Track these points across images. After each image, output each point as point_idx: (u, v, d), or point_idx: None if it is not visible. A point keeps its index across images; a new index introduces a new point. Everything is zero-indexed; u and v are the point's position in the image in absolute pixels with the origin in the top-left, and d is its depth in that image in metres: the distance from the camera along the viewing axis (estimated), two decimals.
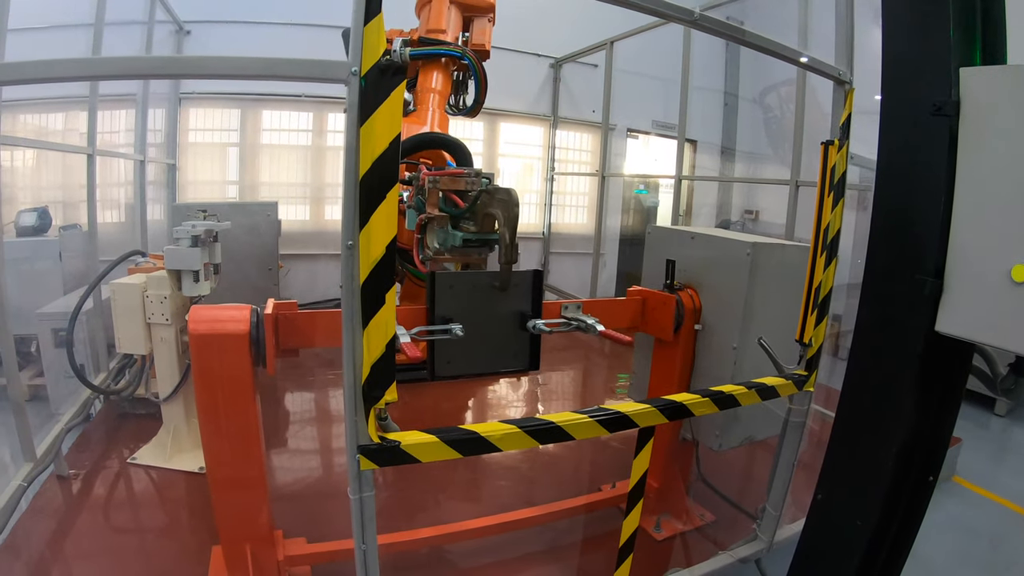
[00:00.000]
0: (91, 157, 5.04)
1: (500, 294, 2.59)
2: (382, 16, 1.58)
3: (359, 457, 1.83)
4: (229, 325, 2.43)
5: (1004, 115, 1.69)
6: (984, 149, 1.72)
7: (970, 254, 1.74)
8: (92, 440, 4.52)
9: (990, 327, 1.71)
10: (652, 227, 3.86)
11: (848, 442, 2.18)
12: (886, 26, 1.96)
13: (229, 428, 2.56)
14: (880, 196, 1.98)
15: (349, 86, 1.59)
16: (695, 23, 2.19)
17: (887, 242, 1.97)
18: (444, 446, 1.95)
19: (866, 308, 2.06)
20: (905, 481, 2.06)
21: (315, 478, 4.30)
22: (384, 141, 1.59)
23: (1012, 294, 1.64)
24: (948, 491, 4.85)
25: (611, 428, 2.23)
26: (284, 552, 2.96)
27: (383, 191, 1.63)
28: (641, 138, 10.42)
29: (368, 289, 1.70)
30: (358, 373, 1.77)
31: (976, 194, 1.73)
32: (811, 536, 2.32)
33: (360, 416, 1.81)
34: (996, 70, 1.75)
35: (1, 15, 3.35)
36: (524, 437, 2.07)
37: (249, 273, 5.66)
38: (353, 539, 1.96)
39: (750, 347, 3.01)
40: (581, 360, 7.27)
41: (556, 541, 3.52)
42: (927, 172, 1.82)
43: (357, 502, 1.89)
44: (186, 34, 7.48)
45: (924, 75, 1.84)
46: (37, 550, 3.27)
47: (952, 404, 2.10)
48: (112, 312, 4.05)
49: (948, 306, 1.78)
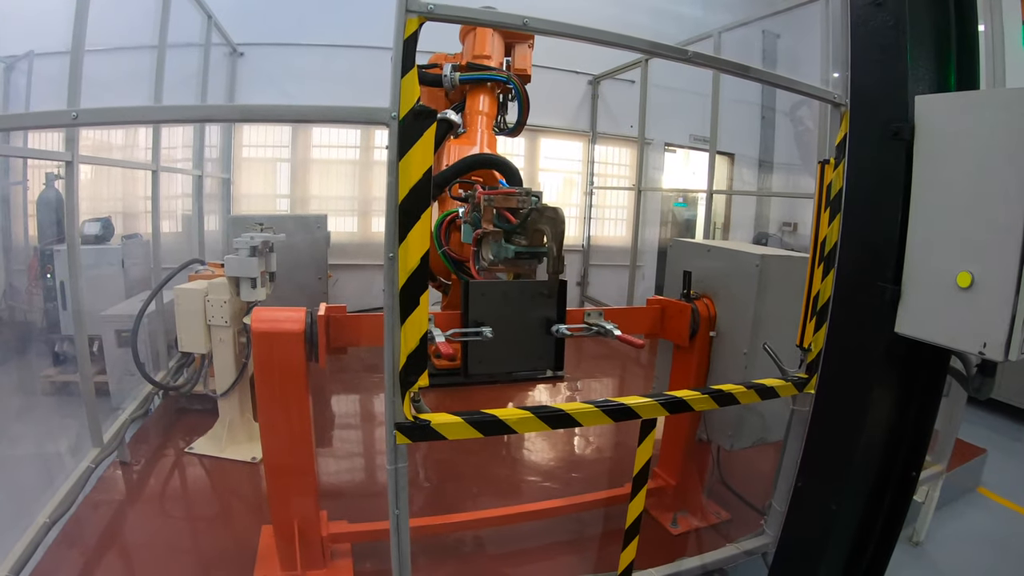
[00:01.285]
0: (155, 173, 5.56)
1: (528, 301, 2.95)
2: (415, 70, 1.99)
3: (396, 433, 2.22)
4: (286, 324, 2.83)
5: (952, 138, 2.00)
6: (935, 169, 2.03)
7: (923, 263, 2.05)
8: (152, 432, 5.02)
9: (940, 328, 2.02)
10: (673, 240, 4.19)
11: (822, 434, 2.48)
12: (852, 57, 2.29)
13: (284, 415, 2.96)
14: (847, 211, 2.30)
15: (390, 128, 1.99)
16: (689, 60, 2.52)
17: (853, 252, 2.29)
18: (467, 426, 2.33)
19: (837, 311, 2.37)
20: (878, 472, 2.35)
21: (356, 469, 4.74)
22: (418, 173, 2.00)
23: (958, 298, 1.94)
24: (972, 502, 4.98)
25: (615, 418, 2.57)
26: (327, 530, 3.33)
27: (418, 213, 2.04)
28: (679, 152, 10.69)
29: (406, 292, 2.10)
30: (396, 362, 2.16)
31: (928, 209, 2.04)
32: (792, 517, 2.62)
33: (397, 397, 2.20)
34: (947, 97, 2.06)
35: (76, 67, 3.80)
36: (537, 422, 2.44)
37: (301, 282, 6.13)
38: (387, 521, 2.34)
39: (760, 352, 3.29)
40: (618, 369, 7.56)
41: (579, 532, 3.83)
42: (887, 190, 2.14)
43: (393, 472, 2.27)
44: (239, 56, 8.09)
45: (884, 102, 2.16)
46: (102, 524, 3.73)
47: (930, 403, 2.38)
48: (175, 314, 4.48)
49: (905, 310, 2.09)
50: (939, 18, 2.20)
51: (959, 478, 4.92)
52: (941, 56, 2.20)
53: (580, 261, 10.32)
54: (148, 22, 5.60)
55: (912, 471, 2.42)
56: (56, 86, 6.12)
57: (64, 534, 3.49)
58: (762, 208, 11.42)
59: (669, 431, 3.94)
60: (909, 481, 2.45)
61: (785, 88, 2.96)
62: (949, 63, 2.22)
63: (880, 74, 2.19)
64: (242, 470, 4.43)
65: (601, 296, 9.92)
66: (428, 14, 2.02)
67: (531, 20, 2.23)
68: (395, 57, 1.99)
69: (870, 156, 2.23)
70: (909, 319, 2.08)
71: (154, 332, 5.70)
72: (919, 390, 2.35)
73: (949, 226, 1.99)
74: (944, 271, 1.98)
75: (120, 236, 6.89)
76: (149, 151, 5.93)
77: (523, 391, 6.28)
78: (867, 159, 2.25)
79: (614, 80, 9.70)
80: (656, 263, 10.49)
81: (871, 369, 2.22)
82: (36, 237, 7.42)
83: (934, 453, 4.49)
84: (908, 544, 4.39)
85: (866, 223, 2.25)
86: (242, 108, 4.20)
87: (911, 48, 2.10)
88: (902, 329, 2.10)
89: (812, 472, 2.55)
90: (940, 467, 4.44)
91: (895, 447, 2.35)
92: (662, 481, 3.96)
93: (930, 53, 2.17)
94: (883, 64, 2.17)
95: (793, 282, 3.34)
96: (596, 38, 2.42)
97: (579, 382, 6.71)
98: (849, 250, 2.33)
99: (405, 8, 1.98)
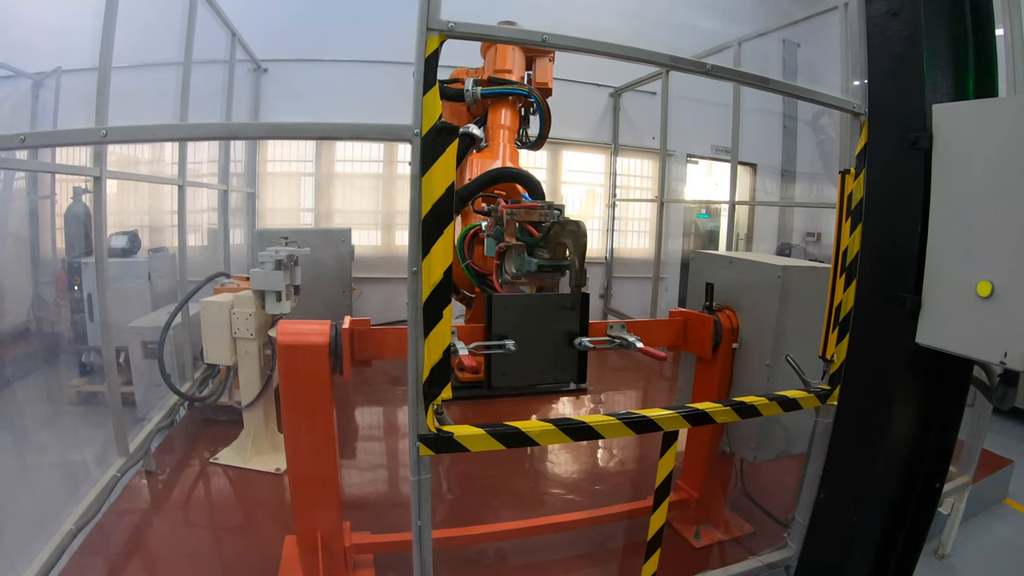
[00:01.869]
0: (182, 188, 5.70)
1: (551, 314, 2.99)
2: (437, 88, 2.05)
3: (419, 444, 2.27)
4: (312, 337, 2.89)
5: (970, 146, 2.01)
6: (953, 178, 2.04)
7: (943, 273, 2.07)
8: (177, 442, 5.13)
9: (961, 338, 2.02)
10: (695, 252, 4.21)
11: (843, 447, 2.49)
12: (869, 67, 2.31)
13: (308, 426, 3.01)
14: (867, 221, 2.32)
15: (412, 145, 2.05)
16: (708, 73, 2.55)
17: (874, 263, 2.30)
18: (490, 438, 2.37)
19: (859, 322, 2.39)
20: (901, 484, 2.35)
21: (379, 481, 4.80)
22: (441, 188, 2.06)
23: (978, 308, 1.95)
24: (999, 514, 4.93)
25: (637, 430, 2.60)
26: (350, 541, 3.37)
27: (440, 228, 2.10)
28: (701, 163, 10.70)
29: (429, 306, 2.16)
30: (420, 374, 2.22)
31: (947, 218, 2.06)
32: (814, 530, 2.63)
33: (421, 410, 2.25)
34: (964, 105, 2.08)
35: (104, 85, 3.92)
36: (559, 434, 2.47)
37: (325, 295, 6.23)
38: (410, 532, 2.38)
39: (782, 364, 3.30)
40: (641, 381, 7.57)
41: (601, 545, 3.85)
42: (906, 199, 2.16)
43: (416, 483, 2.32)
44: (263, 72, 8.26)
45: (902, 112, 2.18)
46: (127, 532, 3.82)
47: (952, 414, 2.39)
48: (202, 326, 4.57)
49: (925, 320, 2.11)
50: (955, 26, 2.21)
51: (985, 489, 4.87)
52: (959, 64, 2.22)
53: (603, 273, 10.35)
54: (173, 39, 5.74)
55: (936, 483, 2.42)
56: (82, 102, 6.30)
57: (89, 541, 3.58)
58: (785, 218, 11.38)
59: (692, 443, 3.96)
60: (932, 493, 2.45)
61: (804, 99, 2.99)
62: (967, 71, 2.24)
63: (897, 84, 2.22)
64: (266, 481, 4.50)
65: (624, 308, 9.93)
66: (449, 32, 2.09)
67: (550, 36, 2.28)
68: (417, 75, 2.05)
69: (889, 166, 2.26)
70: (929, 329, 2.10)
71: (180, 344, 5.81)
72: (942, 401, 2.35)
73: (968, 235, 2.00)
74: (964, 280, 1.99)
75: (147, 249, 7.04)
76: (174, 166, 6.07)
77: (546, 404, 6.31)
78: (886, 169, 2.28)
79: (635, 92, 9.74)
80: (679, 275, 10.48)
81: (893, 380, 2.23)
82: (63, 250, 7.61)
83: (959, 464, 4.45)
84: (934, 557, 4.35)
85: (886, 233, 2.27)
86: (268, 126, 4.33)
87: (927, 57, 2.12)
88: (923, 339, 2.11)
89: (834, 485, 2.56)
90: (966, 478, 4.39)
91: (918, 458, 2.35)
92: (685, 494, 3.96)
93: (947, 61, 2.19)
94: (900, 74, 2.20)
95: (815, 293, 3.35)
96: (615, 53, 2.47)
97: (602, 394, 6.74)
98: (869, 260, 2.36)
99: (426, 27, 2.05)
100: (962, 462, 4.46)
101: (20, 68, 8.08)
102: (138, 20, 4.28)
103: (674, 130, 8.87)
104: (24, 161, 4.35)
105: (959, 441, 4.31)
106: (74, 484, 4.03)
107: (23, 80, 8.23)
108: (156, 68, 6.40)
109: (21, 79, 8.20)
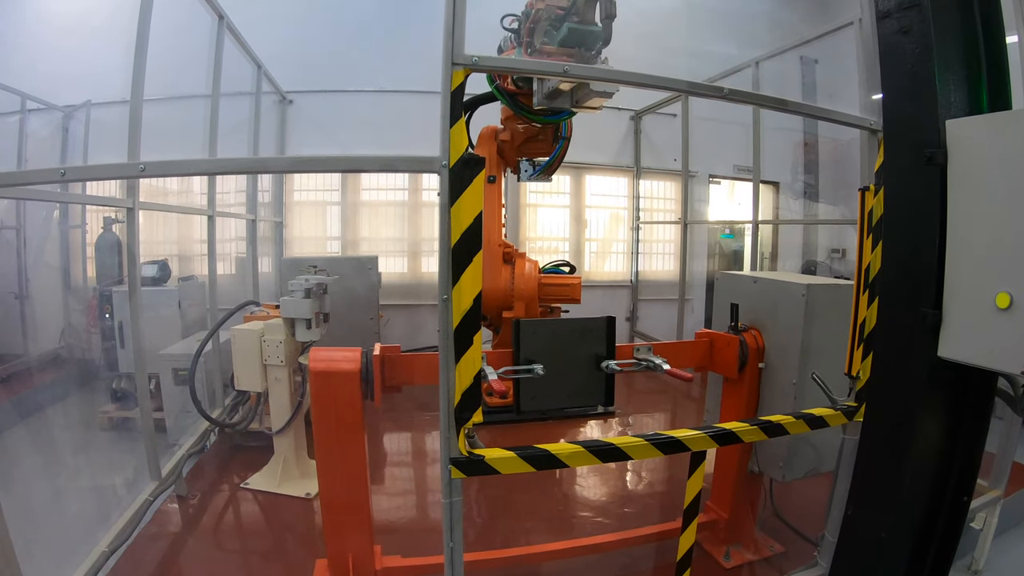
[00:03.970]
0: (211, 218, 5.86)
1: (577, 338, 3.07)
2: (463, 120, 2.14)
3: (451, 467, 2.34)
4: (343, 364, 2.99)
5: (984, 160, 2.07)
6: (969, 192, 2.10)
7: (962, 286, 2.11)
8: (207, 467, 5.27)
9: (981, 350, 2.07)
10: (719, 273, 4.27)
11: (870, 462, 2.53)
12: (883, 85, 2.38)
13: (340, 451, 3.10)
14: (887, 238, 2.37)
15: (440, 176, 2.15)
16: (726, 97, 2.63)
17: (896, 279, 2.36)
18: (520, 460, 2.43)
19: (882, 338, 2.43)
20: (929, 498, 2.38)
21: (408, 506, 4.87)
22: (469, 218, 2.15)
23: (997, 319, 2.00)
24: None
25: (665, 451, 2.64)
26: (381, 564, 3.44)
27: (470, 256, 2.19)
28: (724, 183, 10.75)
29: (459, 333, 2.24)
30: (451, 399, 2.29)
31: (964, 232, 2.11)
32: (843, 547, 2.66)
33: (452, 434, 2.32)
34: (977, 119, 2.14)
35: (136, 120, 4.04)
36: (588, 456, 2.53)
37: (353, 322, 6.32)
38: (440, 556, 2.45)
39: (809, 382, 3.33)
40: (669, 403, 7.61)
41: (630, 567, 3.88)
42: (924, 215, 2.21)
43: (448, 505, 2.38)
44: (289, 103, 8.49)
45: (917, 128, 2.24)
46: (159, 554, 3.94)
47: (978, 426, 2.41)
48: (233, 354, 4.71)
49: (947, 333, 2.15)
50: (967, 41, 2.27)
51: (1018, 504, 4.81)
52: (971, 78, 2.27)
53: (629, 296, 10.40)
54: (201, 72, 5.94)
55: (964, 496, 2.44)
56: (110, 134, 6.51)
57: (122, 563, 3.70)
58: (809, 236, 11.37)
59: (720, 464, 3.99)
60: (961, 507, 2.47)
61: (822, 119, 3.05)
62: (980, 85, 2.29)
63: (911, 101, 2.28)
64: (296, 506, 4.59)
65: (651, 330, 9.96)
66: (473, 66, 2.19)
67: (571, 67, 2.37)
68: (443, 108, 2.15)
69: (906, 182, 2.31)
70: (951, 343, 2.14)
71: (210, 371, 5.96)
72: (967, 413, 2.38)
73: (986, 248, 2.05)
74: (983, 293, 2.03)
75: (176, 278, 7.21)
76: (202, 196, 6.26)
77: (574, 427, 6.37)
78: (903, 185, 2.33)
79: (656, 115, 9.84)
80: (705, 296, 10.46)
81: (917, 394, 2.27)
82: (94, 279, 7.84)
83: (991, 478, 4.43)
84: (968, 573, 4.32)
85: (906, 249, 2.33)
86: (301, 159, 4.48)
87: (939, 74, 2.18)
88: (945, 353, 2.15)
89: (861, 501, 2.59)
90: (997, 492, 4.36)
91: (946, 472, 2.38)
92: (714, 515, 3.98)
93: (960, 76, 2.25)
94: (913, 91, 2.26)
95: (840, 310, 3.37)
96: (635, 81, 2.56)
97: (630, 417, 6.78)
98: (891, 276, 2.41)
99: (451, 61, 2.15)
100: (993, 476, 4.44)
101: (51, 101, 8.40)
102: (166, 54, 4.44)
103: (695, 151, 8.96)
104: (60, 193, 4.53)
105: (989, 454, 4.33)
106: (108, 507, 4.15)
107: (54, 113, 8.55)
108: (183, 100, 6.63)
109: (52, 112, 8.52)
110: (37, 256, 8.45)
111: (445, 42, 2.14)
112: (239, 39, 6.42)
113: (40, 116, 8.39)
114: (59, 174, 2.50)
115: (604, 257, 10.48)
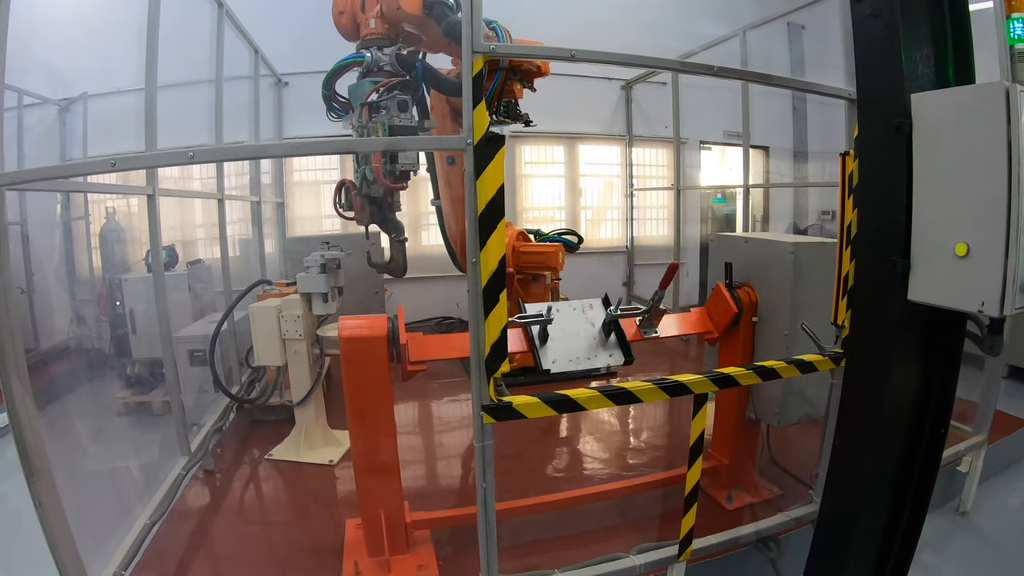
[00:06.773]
0: (221, 202, 6.14)
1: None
2: (484, 102, 2.46)
3: (483, 413, 2.68)
4: (372, 330, 3.31)
5: (943, 128, 2.42)
6: (931, 157, 2.46)
7: (926, 238, 2.48)
8: (229, 442, 5.59)
9: (944, 292, 2.44)
10: (714, 235, 4.60)
11: (853, 395, 2.89)
12: (857, 63, 2.72)
13: (372, 413, 3.41)
14: (863, 198, 2.73)
15: (465, 153, 2.47)
16: (716, 74, 2.96)
17: (871, 234, 2.71)
18: (544, 405, 2.78)
19: (859, 285, 2.80)
20: (909, 428, 2.74)
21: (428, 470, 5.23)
22: (493, 189, 2.48)
23: (957, 265, 2.36)
24: (1019, 473, 5.22)
25: (671, 393, 2.98)
26: (411, 518, 3.75)
27: (495, 223, 2.52)
28: (714, 149, 11.07)
29: (487, 291, 2.57)
30: (482, 351, 2.63)
31: (928, 191, 2.47)
32: (833, 473, 3.03)
33: (483, 383, 2.66)
34: (936, 94, 2.49)
35: (151, 112, 4.28)
36: (603, 399, 2.88)
37: (358, 297, 6.62)
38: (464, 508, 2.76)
39: (799, 333, 3.64)
40: (667, 364, 7.97)
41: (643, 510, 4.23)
42: (894, 177, 2.56)
43: (480, 449, 2.72)
44: (284, 85, 8.74)
45: (887, 101, 2.58)
46: (197, 522, 4.26)
47: (950, 363, 2.77)
48: (252, 331, 4.96)
49: (915, 279, 2.52)
50: (933, 22, 2.60)
51: (1003, 450, 5.16)
52: (938, 55, 2.60)
53: (625, 262, 10.75)
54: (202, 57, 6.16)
55: (941, 428, 2.79)
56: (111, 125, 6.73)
57: (163, 531, 4.01)
58: (800, 198, 11.72)
59: (720, 412, 4.31)
60: (939, 437, 2.82)
61: (805, 91, 3.38)
62: (947, 61, 2.62)
63: (881, 77, 2.62)
64: (320, 472, 4.92)
65: (647, 294, 10.12)
66: (491, 53, 2.50)
67: (579, 52, 2.68)
68: (465, 92, 2.47)
69: (878, 149, 2.66)
70: (918, 287, 2.51)
71: (226, 350, 6.25)
72: (940, 352, 2.73)
73: (946, 205, 2.41)
74: (944, 243, 2.40)
75: (185, 262, 7.47)
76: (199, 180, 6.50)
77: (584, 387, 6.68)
78: (876, 151, 2.68)
79: (646, 84, 10.12)
80: (699, 259, 10.86)
81: (893, 333, 2.64)
82: (99, 268, 8.07)
83: (974, 424, 4.80)
84: (955, 515, 4.67)
85: (879, 207, 2.68)
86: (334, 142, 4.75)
87: (904, 53, 2.51)
88: (913, 296, 2.52)
89: (847, 431, 2.95)
90: (980, 437, 4.72)
91: (923, 404, 2.73)
92: (716, 461, 4.34)
93: (926, 54, 2.58)
94: (883, 68, 2.60)
95: (826, 266, 3.68)
96: (632, 63, 2.89)
97: (630, 377, 7.12)
98: (866, 232, 2.77)
99: (471, 50, 2.46)
100: (976, 422, 4.81)
101: (46, 95, 8.55)
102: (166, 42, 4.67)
103: (686, 118, 9.27)
104: (82, 183, 4.77)
105: (973, 403, 4.69)
106: (145, 483, 4.51)
107: (49, 107, 8.71)
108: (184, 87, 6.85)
109: (47, 106, 8.68)
110: (41, 249, 8.64)
111: (465, 33, 2.45)
112: (236, 24, 6.64)
113: (36, 111, 8.50)
114: (110, 164, 2.73)
115: (599, 224, 10.84)
